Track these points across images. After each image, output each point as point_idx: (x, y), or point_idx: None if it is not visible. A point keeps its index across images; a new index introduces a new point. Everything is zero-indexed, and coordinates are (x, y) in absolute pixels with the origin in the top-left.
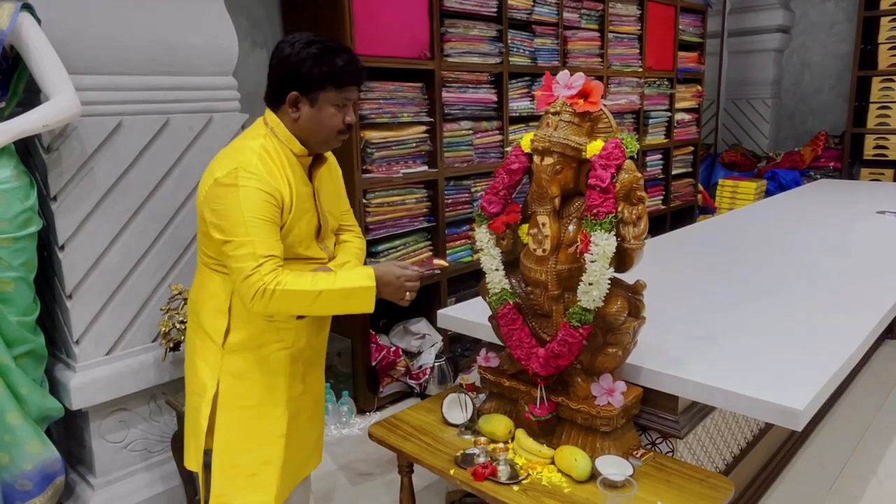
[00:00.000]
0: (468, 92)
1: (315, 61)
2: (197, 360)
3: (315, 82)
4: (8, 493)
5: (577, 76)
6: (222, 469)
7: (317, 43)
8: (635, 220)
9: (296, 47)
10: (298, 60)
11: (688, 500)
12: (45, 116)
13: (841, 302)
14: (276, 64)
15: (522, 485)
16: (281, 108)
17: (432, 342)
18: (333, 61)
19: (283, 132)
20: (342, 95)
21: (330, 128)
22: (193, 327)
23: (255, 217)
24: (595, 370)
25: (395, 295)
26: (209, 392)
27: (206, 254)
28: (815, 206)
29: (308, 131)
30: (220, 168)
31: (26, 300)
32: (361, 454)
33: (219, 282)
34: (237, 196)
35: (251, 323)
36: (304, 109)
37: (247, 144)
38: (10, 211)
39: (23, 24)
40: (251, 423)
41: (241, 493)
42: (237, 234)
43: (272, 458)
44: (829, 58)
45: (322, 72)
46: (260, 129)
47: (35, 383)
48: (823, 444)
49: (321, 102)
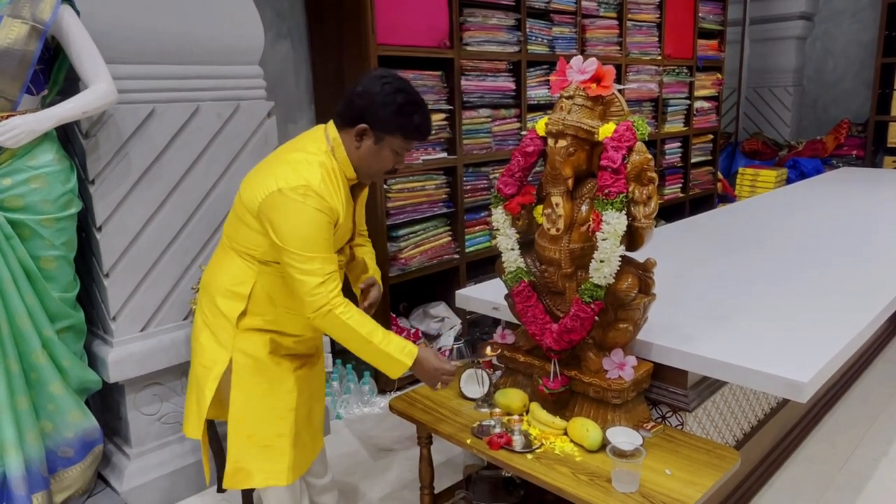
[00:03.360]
0: (487, 80)
1: (397, 110)
2: (207, 334)
3: (388, 128)
4: (51, 459)
5: (591, 61)
6: (237, 439)
7: (404, 93)
8: (646, 200)
9: (385, 90)
10: (383, 103)
11: (694, 469)
12: (84, 104)
13: (854, 285)
14: (360, 92)
15: (536, 454)
16: (347, 130)
17: (451, 325)
18: (412, 116)
19: (342, 155)
20: (405, 146)
21: (382, 167)
22: (207, 304)
23: (320, 236)
24: (607, 345)
25: (429, 381)
26: (218, 367)
27: (235, 240)
28: (835, 193)
29: (363, 162)
30: (285, 178)
31: (67, 277)
32: (382, 431)
33: (242, 267)
34: (305, 214)
35: (267, 311)
36: (366, 143)
37: (312, 159)
38: (53, 193)
39: (63, 16)
40: (264, 399)
41: (256, 461)
42: (304, 250)
43: (284, 431)
44: (853, 45)
45: (398, 122)
46: (321, 142)
47: (75, 356)
48: (836, 426)
49: (385, 144)
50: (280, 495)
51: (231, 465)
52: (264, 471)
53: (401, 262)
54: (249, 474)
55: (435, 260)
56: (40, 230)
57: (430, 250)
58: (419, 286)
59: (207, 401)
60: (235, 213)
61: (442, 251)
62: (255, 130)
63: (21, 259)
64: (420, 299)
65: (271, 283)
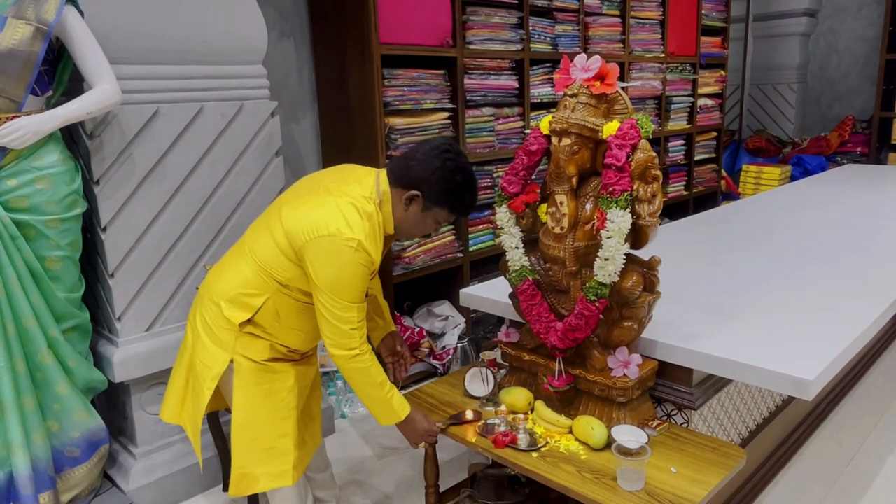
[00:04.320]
0: (490, 79)
1: (453, 188)
2: (207, 334)
3: (439, 201)
4: (58, 459)
5: (594, 59)
6: (242, 443)
7: (463, 172)
8: (650, 198)
9: (447, 165)
10: (440, 178)
11: (700, 467)
12: (89, 104)
13: (859, 282)
14: (422, 159)
15: (541, 452)
16: (398, 189)
17: (455, 324)
18: (464, 196)
19: (388, 211)
20: (448, 218)
21: (421, 232)
22: (210, 306)
23: (360, 287)
24: (611, 343)
25: (413, 439)
26: (217, 366)
27: (259, 256)
28: (840, 190)
29: (405, 224)
30: (335, 224)
31: (72, 278)
32: (387, 430)
33: (259, 280)
34: (350, 267)
35: (271, 326)
36: (414, 208)
37: (361, 209)
38: (58, 193)
39: (67, 17)
40: (266, 399)
41: (261, 464)
42: (343, 297)
43: (288, 430)
44: (857, 41)
45: (451, 200)
46: (370, 190)
47: (81, 356)
48: (842, 423)
49: (431, 213)
50: (287, 495)
51: (236, 471)
52: (269, 474)
53: (405, 260)
54: (254, 479)
55: (439, 258)
56: (45, 231)
57: (434, 249)
58: (423, 285)
59: (206, 398)
60: (270, 232)
61: (446, 250)
62: (259, 130)
63: (26, 259)
64: (424, 298)
65: (283, 303)
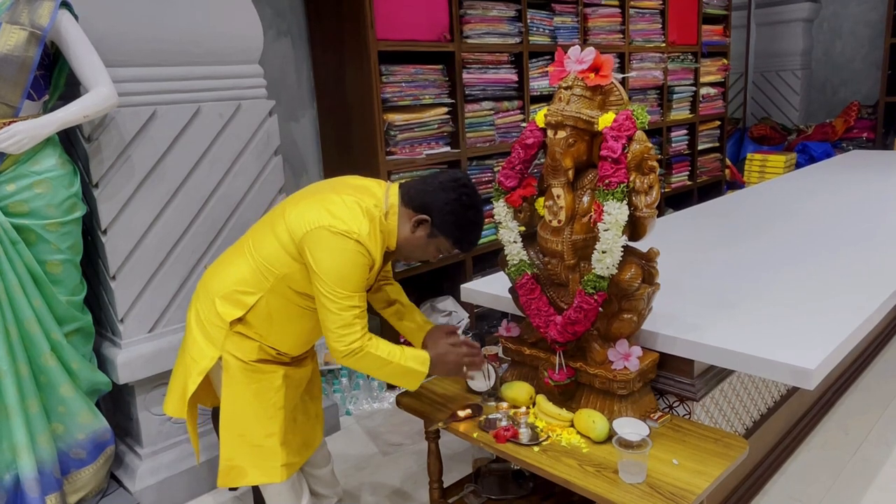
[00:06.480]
0: (489, 72)
1: (462, 223)
2: (199, 329)
3: (446, 231)
4: (64, 461)
5: (588, 51)
6: (230, 437)
7: (475, 210)
8: (647, 189)
9: (463, 200)
10: (452, 211)
11: (702, 458)
12: (86, 108)
13: (863, 270)
14: (439, 187)
15: (542, 446)
16: (407, 209)
17: (459, 319)
18: (472, 232)
19: (393, 224)
20: (449, 249)
21: (422, 256)
22: (204, 302)
23: (361, 277)
24: (611, 336)
25: (451, 374)
26: (204, 362)
27: (259, 250)
28: (845, 177)
29: (408, 245)
30: (337, 216)
31: (74, 281)
32: (392, 426)
33: (255, 277)
34: (349, 258)
35: (262, 327)
36: (419, 233)
37: (366, 210)
38: (57, 197)
39: (62, 20)
40: (254, 399)
41: (249, 460)
42: (344, 286)
43: (274, 430)
44: (861, 25)
45: (457, 233)
46: (378, 199)
47: (84, 359)
48: (848, 413)
49: (435, 241)
50: (279, 490)
51: (224, 462)
52: (258, 468)
53: None
54: (243, 472)
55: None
56: (45, 235)
57: None
58: (426, 280)
59: (190, 391)
60: (272, 225)
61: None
62: (257, 129)
63: (27, 264)
64: (427, 294)
65: (277, 302)
